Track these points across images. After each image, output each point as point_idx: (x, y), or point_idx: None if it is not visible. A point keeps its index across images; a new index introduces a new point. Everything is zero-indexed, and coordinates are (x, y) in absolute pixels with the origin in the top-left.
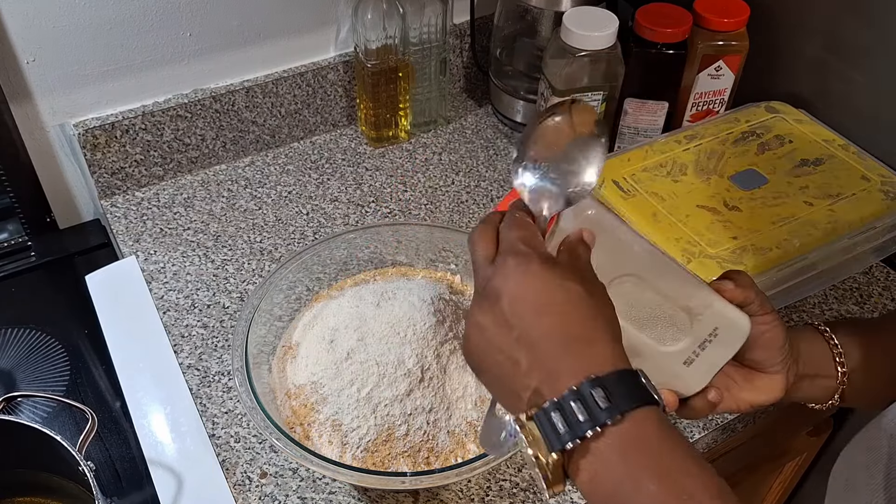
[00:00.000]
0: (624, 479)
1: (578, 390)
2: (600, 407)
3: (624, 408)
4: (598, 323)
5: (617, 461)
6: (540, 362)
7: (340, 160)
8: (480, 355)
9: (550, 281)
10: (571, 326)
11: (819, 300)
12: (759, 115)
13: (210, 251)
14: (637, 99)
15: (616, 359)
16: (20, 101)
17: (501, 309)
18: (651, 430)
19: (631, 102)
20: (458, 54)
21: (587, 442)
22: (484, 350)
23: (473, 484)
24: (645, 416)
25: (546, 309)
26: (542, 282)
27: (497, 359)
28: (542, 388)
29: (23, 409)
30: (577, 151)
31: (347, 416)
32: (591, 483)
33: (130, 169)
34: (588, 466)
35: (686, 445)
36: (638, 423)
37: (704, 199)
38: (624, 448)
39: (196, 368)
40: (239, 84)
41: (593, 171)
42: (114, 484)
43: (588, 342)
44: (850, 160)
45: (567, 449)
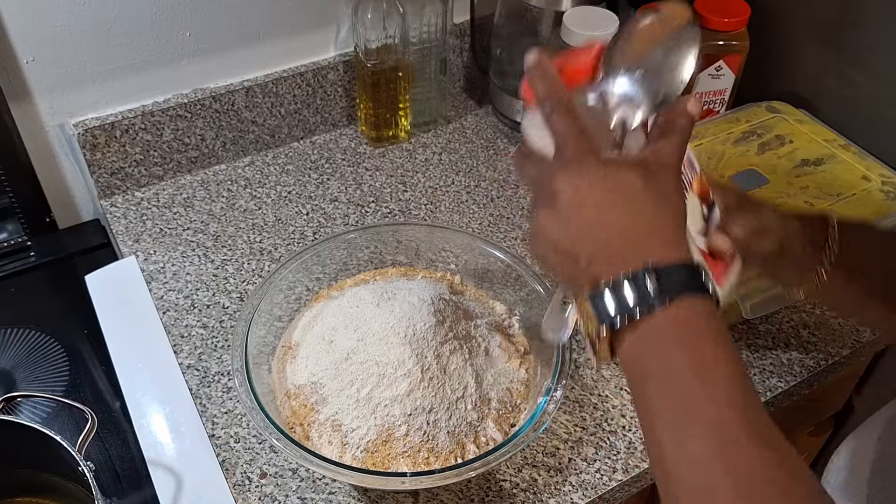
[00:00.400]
0: (661, 364)
1: (633, 275)
2: (650, 292)
3: (673, 294)
4: (659, 214)
5: (658, 344)
6: (599, 255)
7: (340, 160)
8: (544, 252)
9: (609, 176)
10: (631, 218)
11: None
12: (760, 115)
13: (210, 251)
14: None
15: (674, 250)
16: (20, 101)
17: (559, 207)
18: (697, 320)
19: None
20: (458, 54)
21: (635, 323)
22: (545, 247)
23: (473, 484)
24: (693, 304)
25: (604, 204)
26: (600, 177)
27: (562, 258)
28: (601, 275)
29: (23, 409)
30: (669, 50)
31: (347, 417)
32: (633, 364)
33: (130, 169)
34: (633, 347)
35: (727, 344)
36: (685, 310)
37: None
38: (667, 333)
39: (196, 368)
40: (239, 84)
41: (685, 68)
42: (113, 484)
43: (648, 234)
44: (850, 160)
45: (616, 328)
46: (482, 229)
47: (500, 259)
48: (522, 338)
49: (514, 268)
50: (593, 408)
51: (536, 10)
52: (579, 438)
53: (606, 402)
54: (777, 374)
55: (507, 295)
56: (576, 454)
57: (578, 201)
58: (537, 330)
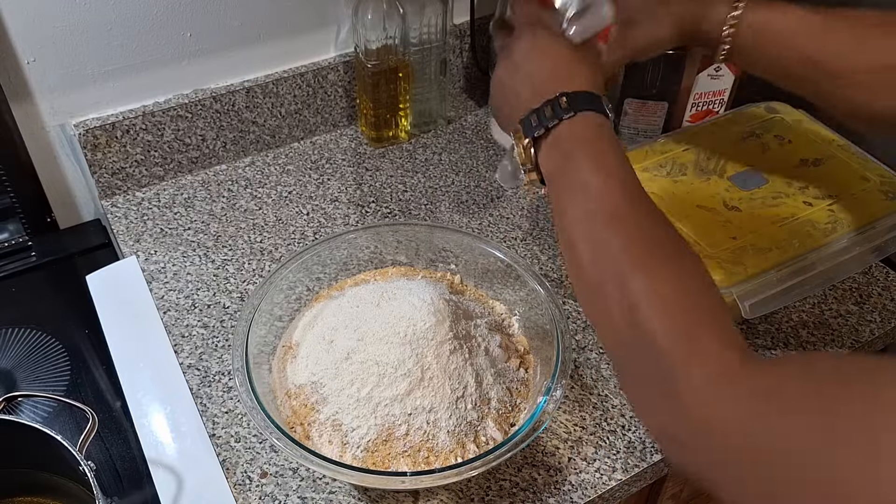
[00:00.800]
0: (566, 159)
1: (551, 100)
2: (561, 107)
3: (577, 110)
4: (581, 67)
5: (564, 144)
6: (535, 90)
7: (340, 160)
8: (497, 96)
9: (550, 43)
10: (561, 68)
11: (819, 300)
12: (759, 116)
13: (210, 251)
14: (637, 99)
15: (585, 86)
16: (21, 102)
17: (513, 59)
18: (594, 128)
19: (631, 103)
20: (458, 54)
21: (549, 133)
22: (499, 90)
23: (473, 484)
24: (594, 119)
25: (544, 57)
26: (544, 42)
27: (507, 95)
28: (531, 104)
29: (23, 409)
30: None
31: (347, 416)
32: (547, 165)
33: (131, 169)
34: (547, 153)
35: (616, 143)
36: (585, 120)
37: (704, 199)
38: (571, 136)
39: (196, 368)
40: (239, 84)
41: None
42: (114, 484)
43: (570, 76)
44: (849, 160)
45: (536, 137)
46: (482, 229)
47: (500, 259)
48: (522, 338)
49: (514, 268)
50: (593, 407)
51: None
52: (579, 438)
53: (606, 402)
54: None
55: (507, 295)
56: (575, 454)
57: (525, 55)
58: (537, 330)
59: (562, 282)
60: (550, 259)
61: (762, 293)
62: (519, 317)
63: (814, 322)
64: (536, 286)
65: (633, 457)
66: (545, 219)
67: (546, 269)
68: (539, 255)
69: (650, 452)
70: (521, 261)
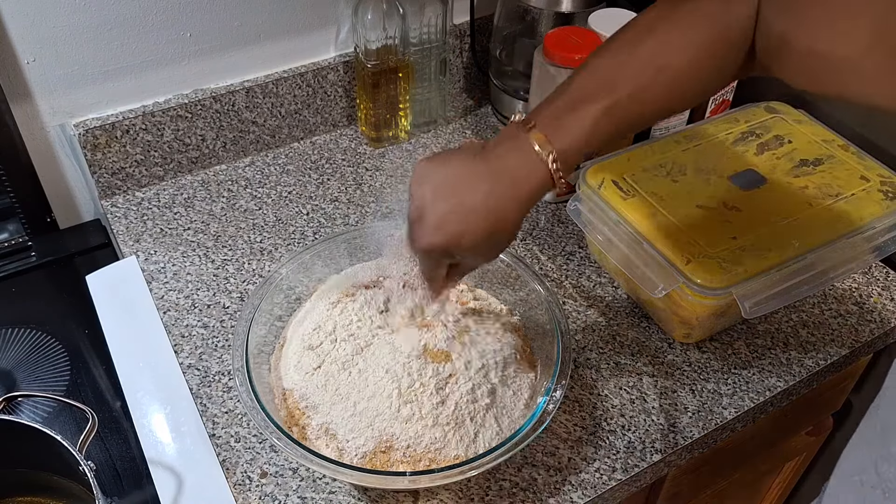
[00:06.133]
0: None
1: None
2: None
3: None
4: None
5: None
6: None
7: (340, 160)
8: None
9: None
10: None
11: (819, 300)
12: (759, 116)
13: (210, 251)
14: None
15: None
16: (21, 102)
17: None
18: None
19: None
20: (458, 54)
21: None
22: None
23: (473, 484)
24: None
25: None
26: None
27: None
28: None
29: (23, 409)
30: None
31: (342, 428)
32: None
33: (131, 169)
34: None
35: None
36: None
37: (704, 199)
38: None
39: (196, 368)
40: (239, 84)
41: None
42: (114, 484)
43: None
44: (849, 160)
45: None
46: None
47: (499, 259)
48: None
49: (514, 268)
50: (593, 408)
51: (536, 10)
52: (579, 438)
53: (606, 402)
54: (776, 373)
55: (507, 295)
56: (575, 454)
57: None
58: (537, 330)
59: (562, 282)
60: (550, 259)
61: (762, 293)
62: (519, 317)
63: (814, 322)
64: (536, 286)
65: (633, 457)
66: (545, 219)
67: (546, 269)
68: (539, 255)
69: (650, 452)
70: (520, 261)
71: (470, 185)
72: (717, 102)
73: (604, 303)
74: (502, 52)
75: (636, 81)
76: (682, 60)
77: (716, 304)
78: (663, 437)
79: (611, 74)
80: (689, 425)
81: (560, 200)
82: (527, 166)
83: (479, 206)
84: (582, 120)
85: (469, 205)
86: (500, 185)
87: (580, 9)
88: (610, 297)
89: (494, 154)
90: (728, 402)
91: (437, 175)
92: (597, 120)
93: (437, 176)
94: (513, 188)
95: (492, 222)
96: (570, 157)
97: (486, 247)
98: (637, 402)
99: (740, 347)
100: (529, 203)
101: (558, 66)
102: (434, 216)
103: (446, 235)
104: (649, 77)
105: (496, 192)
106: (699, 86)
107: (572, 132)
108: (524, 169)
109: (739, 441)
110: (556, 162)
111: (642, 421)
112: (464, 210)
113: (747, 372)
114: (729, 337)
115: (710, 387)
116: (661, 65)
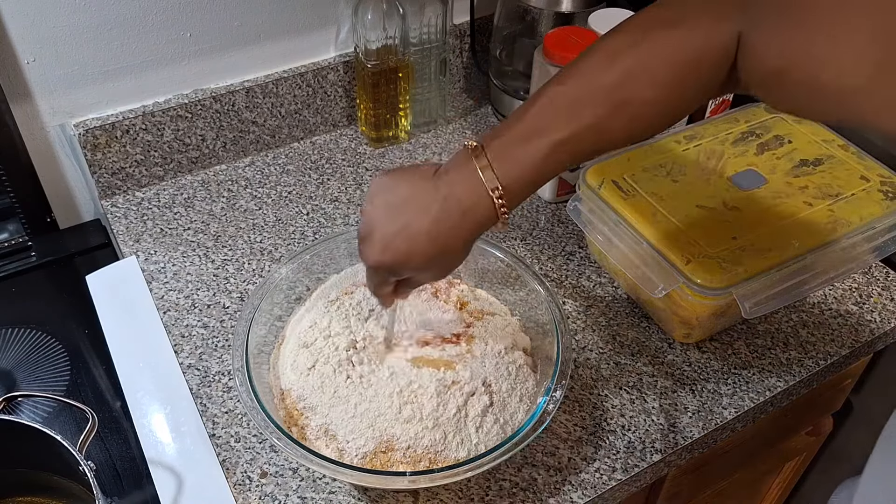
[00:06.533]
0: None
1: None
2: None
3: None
4: None
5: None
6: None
7: (340, 160)
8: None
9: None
10: None
11: (819, 300)
12: (759, 116)
13: (210, 251)
14: None
15: None
16: (21, 102)
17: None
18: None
19: None
20: (458, 54)
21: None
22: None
23: (473, 484)
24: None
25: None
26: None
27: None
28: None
29: (23, 409)
30: None
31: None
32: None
33: (131, 169)
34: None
35: None
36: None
37: (704, 199)
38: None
39: (196, 368)
40: (239, 84)
41: None
42: (114, 484)
43: None
44: (849, 160)
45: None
46: None
47: (500, 259)
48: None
49: (514, 268)
50: (593, 407)
51: (536, 10)
52: (579, 438)
53: (606, 402)
54: (776, 373)
55: (507, 295)
56: (575, 454)
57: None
58: (537, 330)
59: (562, 282)
60: (550, 259)
61: (762, 293)
62: (519, 317)
63: (813, 322)
64: (536, 286)
65: (633, 457)
66: (545, 219)
67: (546, 269)
68: (539, 255)
69: (650, 452)
70: (520, 261)
71: (418, 209)
72: (716, 102)
73: (604, 303)
74: (502, 52)
75: (595, 113)
76: (648, 95)
77: (716, 304)
78: (663, 437)
79: (569, 105)
80: (689, 425)
81: (560, 200)
82: (472, 197)
83: (424, 231)
84: (534, 152)
85: (415, 229)
86: (447, 213)
87: (580, 9)
88: (610, 297)
89: (445, 180)
90: (728, 402)
91: (389, 194)
92: (550, 152)
93: (389, 195)
94: (459, 217)
95: (438, 248)
96: (517, 190)
97: (433, 269)
98: (637, 402)
99: (740, 347)
100: (476, 232)
101: (558, 66)
102: (381, 236)
103: (392, 256)
104: (609, 110)
105: (444, 220)
106: (665, 119)
107: (522, 165)
108: (470, 200)
109: (739, 441)
110: (501, 198)
111: (642, 421)
112: (410, 234)
113: (747, 372)
114: (729, 337)
115: (710, 387)
116: (623, 98)
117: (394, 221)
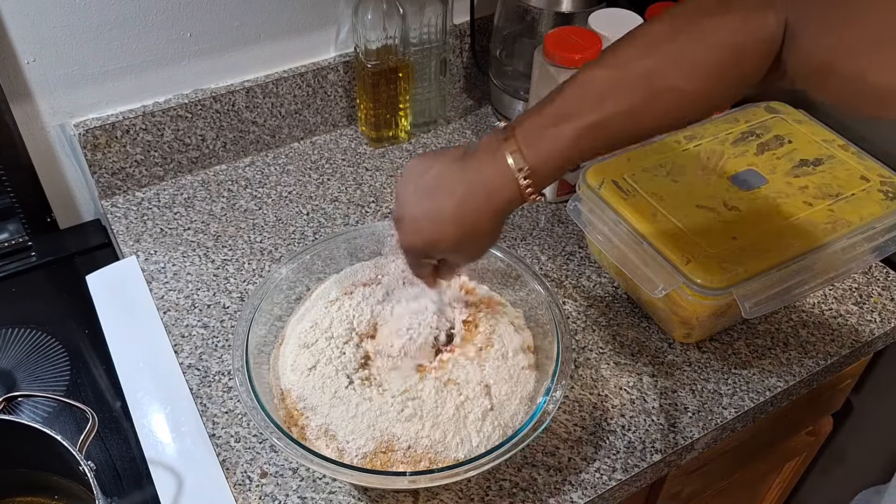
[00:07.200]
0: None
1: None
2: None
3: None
4: None
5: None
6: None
7: (340, 160)
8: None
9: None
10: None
11: (819, 300)
12: (759, 116)
13: (210, 251)
14: None
15: None
16: (21, 102)
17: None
18: None
19: None
20: (458, 54)
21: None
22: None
23: (473, 484)
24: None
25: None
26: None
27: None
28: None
29: (23, 409)
30: None
31: (342, 430)
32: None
33: (131, 169)
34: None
35: None
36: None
37: (704, 199)
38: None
39: (196, 368)
40: (239, 84)
41: None
42: (114, 484)
43: None
44: (849, 160)
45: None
46: None
47: (500, 259)
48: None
49: (514, 268)
50: (593, 407)
51: (536, 10)
52: (579, 438)
53: (606, 402)
54: (776, 373)
55: (507, 295)
56: (575, 454)
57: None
58: (538, 330)
59: (562, 282)
60: (550, 259)
61: (762, 293)
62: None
63: (814, 322)
64: (536, 286)
65: (633, 457)
66: (545, 219)
67: (546, 269)
68: (539, 255)
69: (650, 452)
70: (520, 261)
71: (447, 191)
72: None
73: (604, 303)
74: (502, 52)
75: (629, 100)
76: (686, 85)
77: (716, 304)
78: (663, 437)
79: (601, 90)
80: (689, 425)
81: (560, 200)
82: (500, 179)
83: (452, 213)
84: (562, 137)
85: (443, 211)
86: (474, 195)
87: (580, 9)
88: (610, 297)
89: (473, 161)
90: (728, 402)
91: (420, 176)
92: (578, 137)
93: (420, 177)
94: (486, 199)
95: (465, 230)
96: (544, 173)
97: (464, 250)
98: (637, 402)
99: (740, 347)
100: (503, 214)
101: (558, 66)
102: (411, 218)
103: (422, 238)
104: (643, 97)
105: (469, 202)
106: (701, 110)
107: (549, 148)
108: (497, 181)
109: (739, 441)
110: (527, 179)
111: (642, 421)
112: (437, 216)
113: (747, 372)
114: (729, 337)
115: (710, 387)
116: (660, 86)
117: (421, 204)
